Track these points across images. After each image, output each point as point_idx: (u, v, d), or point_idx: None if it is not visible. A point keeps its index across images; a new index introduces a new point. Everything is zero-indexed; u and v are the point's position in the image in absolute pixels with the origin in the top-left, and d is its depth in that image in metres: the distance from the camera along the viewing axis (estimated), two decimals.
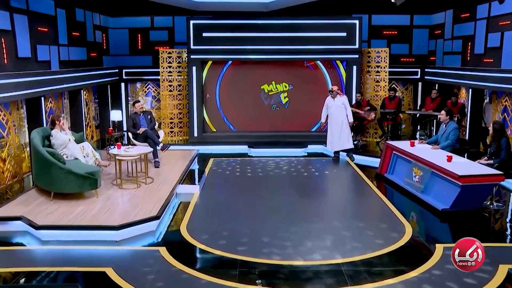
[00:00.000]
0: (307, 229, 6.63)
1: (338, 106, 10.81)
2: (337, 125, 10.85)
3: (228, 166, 10.60)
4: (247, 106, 13.25)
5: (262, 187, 9.05)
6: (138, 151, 8.38)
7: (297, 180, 9.48)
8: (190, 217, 7.17)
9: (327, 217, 7.27)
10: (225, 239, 6.27)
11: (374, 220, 7.14)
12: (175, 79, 13.21)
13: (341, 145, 10.96)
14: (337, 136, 10.88)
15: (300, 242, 6.16)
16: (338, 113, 10.83)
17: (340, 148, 11.02)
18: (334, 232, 6.54)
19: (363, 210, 7.79)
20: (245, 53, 12.73)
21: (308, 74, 13.15)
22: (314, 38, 12.59)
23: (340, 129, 10.85)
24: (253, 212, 7.44)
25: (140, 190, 7.99)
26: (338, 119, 10.84)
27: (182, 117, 13.49)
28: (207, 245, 6.06)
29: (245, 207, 7.74)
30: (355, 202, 8.27)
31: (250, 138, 12.91)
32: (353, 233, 6.47)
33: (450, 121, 8.80)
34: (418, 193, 8.01)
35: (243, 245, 6.06)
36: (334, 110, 10.84)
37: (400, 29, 14.34)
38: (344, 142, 10.92)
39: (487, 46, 10.96)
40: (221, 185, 9.29)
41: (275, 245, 6.08)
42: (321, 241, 6.20)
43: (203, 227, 6.79)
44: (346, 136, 10.91)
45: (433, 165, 7.60)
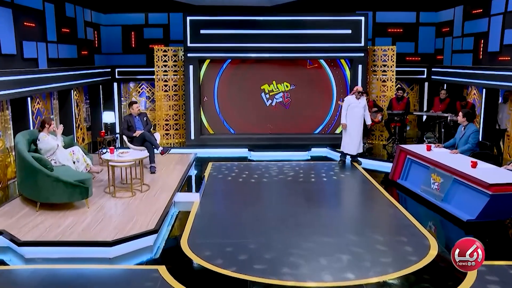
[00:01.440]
0: (321, 244, 5.98)
1: (362, 108, 10.28)
2: (358, 128, 10.30)
3: (228, 171, 9.95)
4: (246, 107, 12.59)
5: (267, 195, 8.41)
6: (133, 156, 7.69)
7: (304, 186, 8.84)
8: (191, 230, 6.50)
9: (341, 229, 6.62)
10: (230, 256, 5.61)
11: (393, 233, 6.51)
12: (170, 78, 12.52)
13: (355, 148, 10.40)
14: (356, 139, 10.32)
15: (314, 259, 5.52)
16: (360, 115, 10.32)
17: (354, 152, 10.42)
18: (350, 247, 5.88)
19: (379, 221, 7.15)
20: (244, 51, 12.07)
21: (311, 74, 12.51)
22: (318, 35, 11.96)
23: (359, 131, 10.32)
24: (260, 224, 6.79)
25: (136, 199, 7.32)
26: (359, 121, 10.33)
27: (178, 119, 12.81)
28: (211, 263, 5.40)
29: (250, 217, 7.08)
30: (369, 212, 7.62)
31: (250, 140, 12.29)
32: (371, 249, 5.83)
33: (470, 124, 8.20)
34: (437, 201, 7.40)
35: (251, 263, 5.40)
36: (357, 111, 10.28)
37: (405, 27, 13.77)
38: (359, 145, 10.40)
39: (503, 43, 10.37)
40: (223, 193, 8.63)
41: (286, 263, 5.43)
42: (337, 258, 5.55)
43: (205, 241, 6.12)
44: (361, 139, 10.42)
45: (455, 172, 6.99)
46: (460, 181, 6.94)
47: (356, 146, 10.34)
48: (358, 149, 10.39)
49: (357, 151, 10.41)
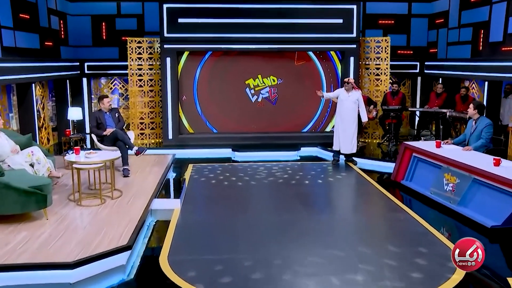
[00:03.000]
0: (329, 259, 4.99)
1: (352, 102, 9.27)
2: (349, 124, 9.31)
3: (211, 174, 8.90)
4: (230, 104, 11.57)
5: (258, 200, 7.39)
6: (102, 157, 6.58)
7: (298, 189, 7.85)
8: (172, 244, 5.44)
9: (349, 239, 5.64)
10: (220, 276, 4.58)
11: (409, 243, 5.53)
12: (145, 73, 11.40)
13: (349, 148, 9.41)
14: (349, 137, 9.34)
15: (324, 279, 4.53)
16: (351, 110, 9.29)
17: (348, 151, 9.46)
18: (364, 262, 4.91)
19: (390, 228, 6.16)
20: (227, 42, 11.04)
21: (299, 67, 11.56)
22: (306, 25, 11.02)
23: (351, 129, 9.32)
24: (253, 235, 5.76)
25: (105, 207, 6.21)
26: (350, 117, 9.30)
27: (154, 117, 11.70)
28: (197, 286, 4.37)
29: (242, 227, 6.04)
30: (377, 218, 6.66)
31: (233, 140, 11.28)
32: (388, 264, 4.87)
33: (481, 117, 7.35)
34: (452, 205, 6.51)
35: (246, 286, 4.39)
36: (347, 106, 9.28)
37: (397, 18, 12.97)
38: (353, 144, 9.40)
39: (507, 33, 9.61)
40: (207, 198, 7.57)
41: (292, 284, 4.43)
42: (351, 278, 4.57)
43: (189, 257, 5.08)
44: (355, 138, 9.42)
45: (476, 171, 6.10)
46: (481, 181, 6.06)
47: (349, 145, 9.39)
48: (351, 148, 9.43)
49: (351, 150, 9.45)
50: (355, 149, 9.46)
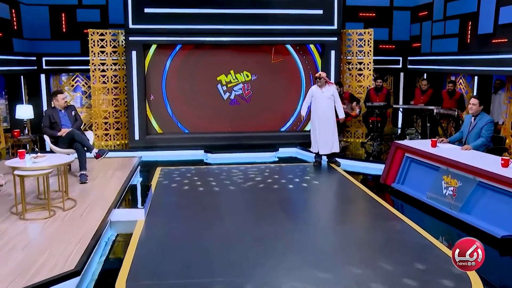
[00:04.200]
0: (323, 283, 4.17)
1: (327, 98, 8.48)
2: (325, 122, 8.52)
3: (181, 178, 8.01)
4: (201, 102, 10.67)
5: (234, 209, 6.51)
6: (52, 162, 5.62)
7: (280, 195, 7.02)
8: (132, 265, 4.54)
9: (342, 256, 4.82)
10: None
11: (411, 258, 4.75)
12: (109, 68, 10.42)
13: (329, 148, 8.62)
14: (327, 136, 8.54)
15: None
16: (326, 107, 8.51)
17: (327, 151, 8.68)
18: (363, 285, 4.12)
19: (388, 241, 5.29)
20: (198, 34, 10.16)
21: (276, 57, 10.73)
22: (284, 16, 10.23)
23: (329, 127, 8.52)
24: (231, 252, 4.90)
25: (54, 221, 5.26)
26: (326, 114, 8.51)
27: (120, 116, 10.72)
28: None
29: (218, 242, 5.17)
30: (371, 229, 5.80)
31: (206, 141, 10.42)
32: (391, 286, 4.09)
33: (482, 113, 6.67)
34: (453, 211, 5.78)
35: None
36: (322, 102, 8.49)
37: (378, 11, 12.32)
38: (334, 143, 8.61)
39: (497, 24, 9.01)
40: (175, 207, 6.65)
41: None
42: None
43: (151, 283, 4.19)
44: (335, 136, 8.61)
45: (481, 173, 5.38)
46: (487, 184, 5.34)
47: (328, 144, 8.60)
48: (331, 148, 8.65)
49: (331, 150, 8.68)
50: (337, 148, 8.69)
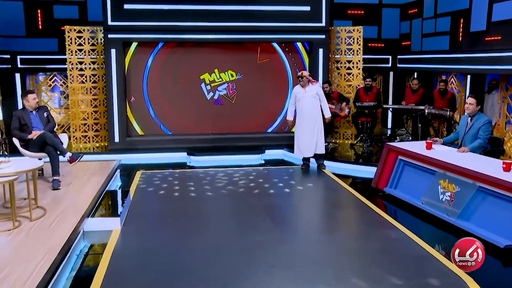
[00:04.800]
0: None
1: (311, 97, 8.08)
2: (310, 123, 8.12)
3: (162, 183, 7.57)
4: (184, 102, 10.23)
5: (218, 216, 6.09)
6: (17, 168, 5.15)
7: (266, 201, 6.61)
8: (105, 278, 4.12)
9: (335, 269, 4.43)
10: None
11: (412, 272, 4.35)
12: (88, 67, 9.94)
13: (312, 150, 8.23)
14: (309, 138, 8.14)
15: None
16: (311, 107, 8.10)
17: (311, 153, 8.29)
18: None
19: (385, 252, 4.88)
20: (181, 31, 9.72)
21: (262, 58, 10.33)
22: (270, 13, 9.83)
23: (313, 128, 8.12)
24: (215, 265, 4.48)
25: (19, 233, 4.80)
26: (311, 114, 8.11)
27: (99, 117, 10.24)
28: None
29: (198, 255, 4.74)
30: (365, 238, 5.31)
31: (189, 142, 9.99)
32: None
33: (478, 113, 6.34)
34: (450, 218, 5.44)
35: None
36: (306, 102, 8.10)
37: (367, 8, 11.99)
38: (318, 145, 8.21)
39: (490, 21, 8.71)
40: (155, 215, 6.20)
41: None
42: None
43: None
44: (320, 137, 8.20)
45: (482, 177, 5.04)
46: (488, 190, 5.00)
47: (310, 146, 8.17)
48: (314, 149, 8.20)
49: (316, 151, 8.23)
50: (322, 149, 8.27)
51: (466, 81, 9.54)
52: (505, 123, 8.71)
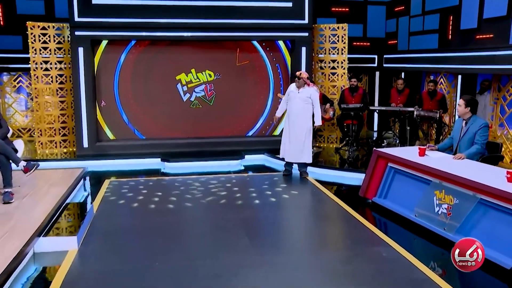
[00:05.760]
0: None
1: (302, 100, 7.48)
2: (297, 127, 7.52)
3: (132, 193, 6.91)
4: (158, 104, 9.57)
5: (191, 233, 5.45)
6: None
7: (245, 214, 5.99)
8: None
9: None
10: None
11: None
12: (54, 67, 9.23)
13: (297, 156, 7.63)
14: (294, 143, 7.55)
15: None
16: (302, 110, 7.49)
17: (295, 160, 7.69)
18: None
19: (377, 274, 4.16)
20: (154, 29, 9.06)
21: (242, 60, 9.75)
22: (250, 9, 9.24)
23: (299, 133, 7.53)
24: None
25: None
26: (301, 118, 7.50)
27: (67, 121, 9.53)
28: None
29: (166, 281, 4.12)
30: (355, 258, 4.65)
31: (164, 147, 9.36)
32: None
33: (474, 116, 5.83)
34: (448, 233, 4.90)
35: None
36: (297, 104, 7.50)
37: (352, 6, 11.48)
38: (304, 152, 7.61)
39: (482, 18, 8.27)
40: (119, 232, 5.50)
41: None
42: None
43: None
44: (307, 145, 7.60)
45: (483, 189, 4.50)
46: (491, 203, 4.47)
47: (296, 152, 7.57)
48: (300, 157, 7.59)
49: (300, 159, 7.63)
50: (309, 158, 7.66)
51: (457, 82, 9.09)
52: (498, 125, 8.25)
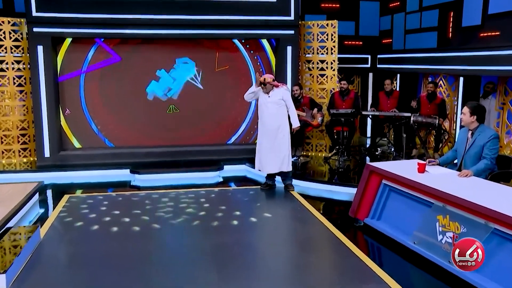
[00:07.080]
0: None
1: (274, 103, 6.63)
2: (272, 133, 6.66)
3: (92, 211, 6.03)
4: (129, 109, 8.71)
5: (153, 265, 4.51)
6: None
7: (218, 240, 5.07)
8: None
9: None
10: None
11: None
12: (10, 67, 8.32)
13: (276, 166, 6.76)
14: (271, 151, 6.68)
15: None
16: (276, 114, 6.65)
17: (275, 170, 6.82)
18: None
19: None
20: (124, 25, 8.16)
21: (221, 60, 8.90)
22: (231, 4, 8.37)
23: (275, 140, 6.67)
24: None
25: None
26: (274, 123, 6.66)
27: (27, 127, 8.63)
28: None
29: None
30: None
31: (134, 157, 8.49)
32: None
33: (481, 125, 4.99)
34: (454, 267, 4.00)
35: None
36: (270, 109, 6.64)
37: (343, 2, 10.69)
38: (283, 161, 6.74)
39: (486, 14, 7.48)
40: (65, 264, 4.62)
41: None
42: None
43: None
44: (286, 152, 6.74)
45: (497, 217, 3.66)
46: (507, 235, 3.63)
47: (275, 161, 6.72)
48: (280, 165, 6.74)
49: (279, 169, 6.79)
50: (289, 166, 6.81)
51: (458, 84, 8.27)
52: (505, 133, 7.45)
